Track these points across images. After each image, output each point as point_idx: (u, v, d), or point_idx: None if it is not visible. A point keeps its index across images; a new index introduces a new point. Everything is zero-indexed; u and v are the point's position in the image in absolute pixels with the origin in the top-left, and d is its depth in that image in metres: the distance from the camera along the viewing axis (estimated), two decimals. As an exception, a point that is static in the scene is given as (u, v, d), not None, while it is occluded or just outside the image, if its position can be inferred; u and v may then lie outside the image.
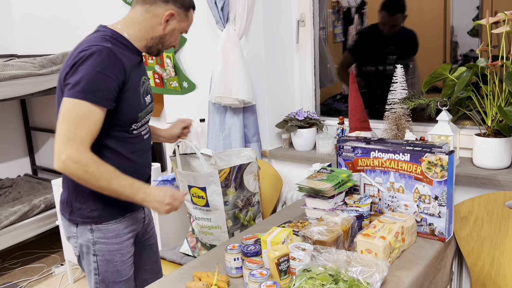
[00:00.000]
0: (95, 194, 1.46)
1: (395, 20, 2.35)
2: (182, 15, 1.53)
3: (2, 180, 3.67)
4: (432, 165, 1.57)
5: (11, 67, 2.81)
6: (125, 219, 1.56)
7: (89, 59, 1.35)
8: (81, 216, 1.51)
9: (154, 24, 1.50)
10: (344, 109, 2.54)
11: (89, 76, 1.33)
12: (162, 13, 1.49)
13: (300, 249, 1.39)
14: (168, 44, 1.57)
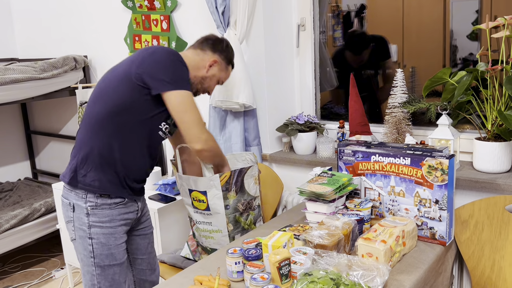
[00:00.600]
0: (101, 166, 1.63)
1: (361, 57, 2.44)
2: (223, 65, 1.84)
3: (3, 184, 3.67)
4: (433, 169, 1.58)
5: (12, 71, 2.81)
6: (118, 207, 1.69)
7: (169, 55, 1.58)
8: (82, 183, 1.65)
9: (200, 66, 1.78)
10: (344, 113, 2.55)
11: (179, 69, 1.59)
12: (209, 58, 1.79)
13: (301, 253, 1.39)
14: (205, 87, 1.83)
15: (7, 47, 3.76)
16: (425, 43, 2.28)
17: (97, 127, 1.62)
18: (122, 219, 1.71)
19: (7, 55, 3.75)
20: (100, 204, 1.65)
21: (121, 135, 1.62)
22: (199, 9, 2.53)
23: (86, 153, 1.64)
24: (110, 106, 1.60)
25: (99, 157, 1.63)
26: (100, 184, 1.64)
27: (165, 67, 1.56)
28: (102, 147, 1.62)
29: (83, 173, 1.64)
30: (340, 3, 2.57)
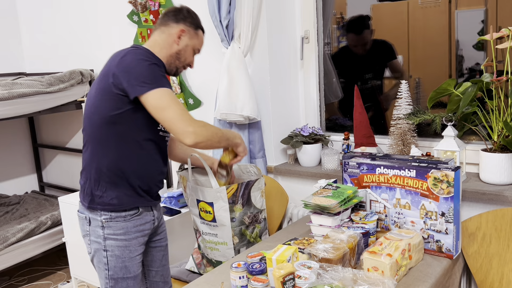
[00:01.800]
0: (114, 184, 1.65)
1: (362, 38, 2.40)
2: (192, 32, 1.75)
3: (10, 197, 3.69)
4: (438, 181, 1.56)
5: (20, 85, 2.84)
6: (133, 219, 1.69)
7: (136, 57, 1.56)
8: (101, 204, 1.66)
9: (170, 42, 1.72)
10: (349, 124, 2.54)
11: (147, 69, 1.55)
12: (175, 31, 1.72)
13: (306, 267, 1.38)
14: (183, 61, 1.76)
15: (16, 62, 3.81)
16: (431, 53, 2.28)
17: (98, 145, 1.64)
18: (138, 231, 1.71)
19: (15, 69, 3.80)
20: (114, 217, 1.66)
21: (123, 146, 1.63)
22: (203, 23, 2.54)
23: (96, 173, 1.65)
24: (102, 122, 1.60)
25: (109, 175, 1.64)
26: (118, 201, 1.65)
27: (134, 71, 1.55)
28: (110, 164, 1.63)
29: (99, 194, 1.66)
30: (345, 14, 2.58)
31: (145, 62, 1.56)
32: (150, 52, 1.63)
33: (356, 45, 2.47)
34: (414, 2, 2.32)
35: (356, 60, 2.51)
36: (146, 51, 1.62)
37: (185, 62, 1.78)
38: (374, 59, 2.45)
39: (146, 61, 1.56)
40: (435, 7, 2.25)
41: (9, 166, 3.86)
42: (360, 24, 2.44)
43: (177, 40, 1.72)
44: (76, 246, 2.85)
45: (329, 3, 2.50)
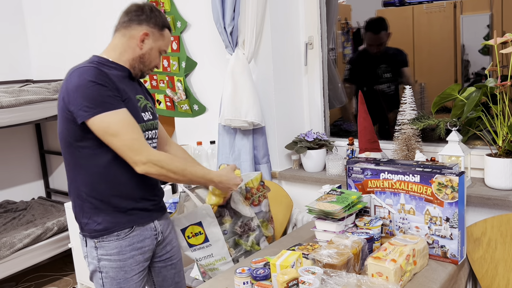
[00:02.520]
0: (98, 209, 1.54)
1: (379, 38, 2.40)
2: (156, 34, 1.61)
3: (17, 203, 3.72)
4: (443, 186, 1.56)
5: (27, 92, 2.87)
6: (128, 236, 1.57)
7: (77, 82, 1.44)
8: (89, 231, 1.57)
9: (132, 45, 1.59)
10: (353, 130, 2.54)
11: (88, 92, 1.42)
12: (137, 34, 1.59)
13: (310, 272, 1.38)
14: (148, 64, 1.64)
15: (23, 69, 3.85)
16: (436, 58, 2.27)
17: (72, 171, 1.56)
18: (134, 249, 1.59)
19: (22, 76, 3.84)
20: (106, 236, 1.56)
21: (95, 168, 1.52)
22: (208, 30, 2.57)
23: (78, 199, 1.57)
24: (67, 146, 1.53)
25: (90, 200, 1.54)
26: (105, 227, 1.55)
27: (78, 94, 1.43)
28: (87, 189, 1.54)
29: (85, 221, 1.57)
30: (349, 19, 2.58)
31: (89, 83, 1.43)
32: (98, 67, 1.47)
33: (372, 45, 2.46)
34: (419, 7, 2.32)
35: (372, 65, 2.50)
36: (95, 66, 1.47)
37: (150, 65, 1.65)
38: (390, 65, 2.45)
39: (90, 81, 1.43)
40: (440, 12, 2.25)
41: (16, 172, 3.89)
42: (379, 25, 2.43)
43: (140, 44, 1.59)
44: (82, 252, 2.86)
45: (333, 8, 2.51)
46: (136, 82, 1.68)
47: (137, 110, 1.58)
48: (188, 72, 2.72)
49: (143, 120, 1.60)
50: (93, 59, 1.56)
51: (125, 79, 1.59)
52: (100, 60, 1.56)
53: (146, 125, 1.62)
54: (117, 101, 1.47)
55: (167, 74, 2.80)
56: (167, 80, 2.81)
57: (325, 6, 2.48)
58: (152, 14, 1.60)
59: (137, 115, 1.56)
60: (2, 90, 2.83)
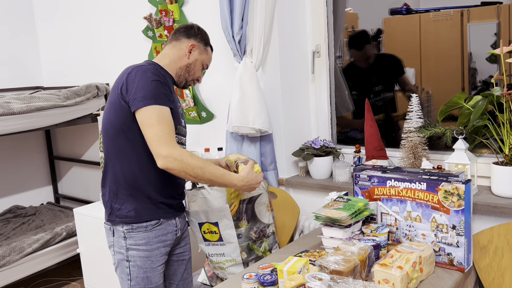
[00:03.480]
0: (132, 196, 1.67)
1: (365, 53, 2.45)
2: (202, 48, 1.83)
3: (26, 208, 3.75)
4: (449, 194, 1.57)
5: (37, 99, 2.92)
6: (154, 229, 1.70)
7: (138, 74, 1.60)
8: (119, 216, 1.69)
9: (181, 55, 1.79)
10: (360, 137, 2.56)
11: (148, 85, 1.58)
12: (186, 45, 1.79)
13: (317, 279, 1.39)
14: (192, 74, 1.83)
15: (34, 76, 3.91)
16: (443, 66, 2.28)
17: (115, 157, 1.68)
18: (160, 241, 1.72)
19: (33, 83, 3.89)
20: (136, 227, 1.69)
21: (138, 157, 1.66)
22: (216, 38, 2.60)
23: (114, 186, 1.70)
24: (116, 133, 1.66)
25: (126, 187, 1.67)
26: (136, 213, 1.68)
27: (137, 85, 1.59)
28: (126, 176, 1.67)
29: (118, 206, 1.69)
30: (356, 28, 2.60)
31: (149, 78, 1.60)
32: (157, 69, 1.67)
33: (359, 60, 2.52)
34: (426, 15, 2.34)
35: (363, 74, 2.54)
36: (154, 67, 1.66)
37: (194, 76, 1.83)
38: (382, 73, 2.48)
39: (150, 77, 1.60)
40: (447, 20, 2.26)
41: (25, 177, 3.93)
42: (361, 40, 2.48)
43: (187, 54, 1.79)
44: (90, 257, 2.89)
45: (340, 17, 2.53)
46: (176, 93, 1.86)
47: (178, 114, 1.75)
48: (197, 79, 2.75)
49: (180, 124, 1.77)
50: (148, 62, 1.72)
51: (173, 85, 1.77)
52: (155, 65, 1.70)
53: (182, 130, 1.79)
54: (168, 99, 1.62)
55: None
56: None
57: (333, 15, 2.50)
58: (199, 31, 1.83)
59: (178, 118, 1.73)
60: (13, 96, 2.87)
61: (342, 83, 2.59)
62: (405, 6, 2.42)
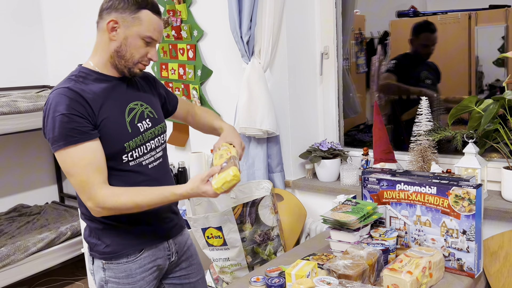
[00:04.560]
0: (107, 230, 1.46)
1: (434, 39, 2.32)
2: (128, 19, 1.38)
3: (31, 207, 3.75)
4: (460, 198, 1.55)
5: (44, 98, 2.92)
6: (138, 259, 1.49)
7: (50, 110, 1.35)
8: (98, 252, 1.49)
9: (106, 40, 1.42)
10: (368, 140, 2.54)
11: (55, 123, 1.33)
12: (105, 24, 1.40)
13: (325, 283, 1.37)
14: (130, 57, 1.41)
15: (40, 75, 3.91)
16: (451, 69, 2.27)
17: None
18: (145, 270, 1.50)
19: (40, 82, 3.90)
20: (115, 262, 1.48)
21: None
22: (224, 39, 2.59)
23: (87, 220, 1.49)
24: None
25: (99, 219, 1.44)
26: (114, 249, 1.46)
27: (46, 124, 1.37)
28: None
29: (94, 242, 1.48)
30: (363, 30, 2.59)
31: (51, 114, 1.33)
32: (71, 89, 1.35)
33: (427, 45, 2.35)
34: (434, 18, 2.32)
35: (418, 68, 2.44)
36: (68, 89, 1.35)
37: (133, 58, 1.41)
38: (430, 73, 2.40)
39: (54, 112, 1.33)
40: (454, 23, 2.25)
41: (31, 176, 3.93)
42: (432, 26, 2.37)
43: (111, 35, 1.40)
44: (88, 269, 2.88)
45: (349, 18, 2.52)
46: (135, 85, 1.53)
47: (121, 126, 1.43)
48: (204, 80, 2.74)
49: (136, 133, 1.46)
50: (74, 73, 1.44)
51: (113, 89, 1.44)
52: (81, 73, 1.43)
53: (144, 136, 1.48)
54: (83, 132, 1.33)
55: (183, 82, 2.82)
56: (182, 88, 2.83)
57: (341, 17, 2.49)
58: None
59: (121, 132, 1.42)
60: (20, 95, 2.87)
61: (350, 85, 2.58)
62: (412, 9, 2.41)
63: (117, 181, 1.42)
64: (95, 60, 1.46)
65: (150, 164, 1.50)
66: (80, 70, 1.44)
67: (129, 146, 1.44)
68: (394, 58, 2.49)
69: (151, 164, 1.51)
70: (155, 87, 1.64)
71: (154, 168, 1.51)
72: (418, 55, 2.41)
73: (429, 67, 2.38)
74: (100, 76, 1.44)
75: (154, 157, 1.52)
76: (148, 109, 1.53)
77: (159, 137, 1.55)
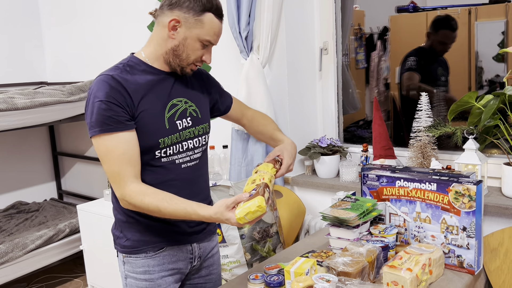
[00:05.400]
0: (130, 223, 1.43)
1: (452, 38, 2.26)
2: (191, 20, 1.34)
3: (29, 204, 3.74)
4: (460, 195, 1.54)
5: (41, 94, 2.90)
6: (157, 255, 1.44)
7: (91, 95, 1.34)
8: (119, 245, 1.47)
9: (165, 36, 1.38)
10: (368, 136, 2.53)
11: (94, 109, 1.32)
12: (167, 21, 1.35)
13: (325, 280, 1.36)
14: (186, 58, 1.39)
15: (38, 71, 3.89)
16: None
17: None
18: (164, 270, 1.45)
19: (37, 78, 3.87)
20: (134, 255, 1.45)
21: None
22: (223, 34, 2.56)
23: (115, 212, 1.48)
24: None
25: (122, 211, 1.44)
26: (133, 244, 1.44)
27: (87, 108, 1.36)
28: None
29: (117, 234, 1.47)
30: (363, 25, 2.58)
31: (92, 99, 1.33)
32: (114, 78, 1.33)
33: (446, 43, 2.29)
34: (433, 14, 2.31)
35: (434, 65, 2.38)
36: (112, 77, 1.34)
37: (189, 59, 1.39)
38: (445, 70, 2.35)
39: (97, 98, 1.31)
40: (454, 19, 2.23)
41: (29, 173, 3.92)
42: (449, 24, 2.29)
43: (170, 33, 1.36)
44: (93, 254, 2.87)
45: (348, 14, 2.50)
46: (184, 81, 1.48)
47: (159, 121, 1.38)
48: (202, 76, 2.72)
49: (173, 131, 1.41)
50: (123, 61, 1.43)
51: (159, 83, 1.41)
52: (131, 62, 1.41)
53: (182, 134, 1.43)
54: (119, 121, 1.31)
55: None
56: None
57: (340, 12, 2.47)
58: None
59: (158, 127, 1.38)
60: (17, 92, 2.85)
61: (349, 81, 2.56)
62: (412, 4, 2.39)
63: (148, 175, 1.39)
64: (147, 51, 1.42)
65: (184, 164, 1.45)
66: (130, 59, 1.42)
67: (164, 142, 1.39)
68: (410, 53, 2.42)
69: (186, 164, 1.45)
70: (207, 84, 1.57)
71: (188, 168, 1.46)
72: (433, 51, 2.36)
73: (443, 63, 2.35)
74: (148, 68, 1.41)
75: (190, 157, 1.46)
76: (192, 107, 1.47)
77: (200, 138, 1.49)
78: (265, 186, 1.35)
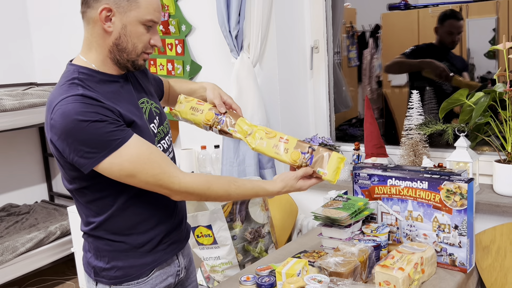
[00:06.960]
0: (117, 251, 1.28)
1: (459, 27, 2.21)
2: (123, 3, 1.17)
3: (20, 207, 3.70)
4: (451, 193, 1.53)
5: (30, 95, 2.87)
6: (150, 279, 1.32)
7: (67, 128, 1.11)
8: (107, 277, 1.29)
9: (100, 33, 1.19)
10: (359, 134, 2.52)
11: (86, 135, 1.10)
12: (97, 15, 1.17)
13: (316, 281, 1.35)
14: (133, 49, 1.21)
15: (27, 72, 3.85)
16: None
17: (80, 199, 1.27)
18: None
19: (26, 79, 3.83)
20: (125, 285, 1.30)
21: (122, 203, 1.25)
22: (213, 33, 2.55)
23: (93, 243, 1.31)
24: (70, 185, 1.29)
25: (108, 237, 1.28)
26: (126, 272, 1.28)
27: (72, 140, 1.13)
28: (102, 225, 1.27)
29: (102, 266, 1.28)
30: (354, 23, 2.57)
31: (80, 123, 1.09)
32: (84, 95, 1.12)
33: (453, 33, 2.22)
34: (425, 11, 2.30)
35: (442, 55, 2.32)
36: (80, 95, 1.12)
37: (137, 49, 1.21)
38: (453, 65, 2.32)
39: (81, 121, 1.09)
40: (445, 16, 2.23)
41: (19, 175, 3.88)
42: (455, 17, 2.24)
43: (104, 26, 1.18)
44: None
45: (339, 12, 2.49)
46: (135, 79, 1.34)
47: (146, 131, 1.25)
48: (193, 76, 2.71)
49: (154, 133, 1.31)
50: (72, 75, 1.20)
51: (123, 90, 1.25)
52: (82, 74, 1.20)
53: (158, 136, 1.33)
54: (121, 130, 1.14)
55: (172, 77, 2.78)
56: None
57: (331, 10, 2.46)
58: None
59: (149, 137, 1.25)
60: (6, 93, 2.82)
61: (341, 79, 2.55)
62: (403, 1, 2.39)
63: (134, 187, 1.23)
64: (91, 57, 1.23)
65: None
66: (80, 71, 1.21)
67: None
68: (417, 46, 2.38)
69: None
70: (148, 75, 1.44)
71: None
72: (443, 45, 2.31)
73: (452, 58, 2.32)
74: (104, 77, 1.22)
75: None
76: (153, 105, 1.35)
77: (168, 137, 1.39)
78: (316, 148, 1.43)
